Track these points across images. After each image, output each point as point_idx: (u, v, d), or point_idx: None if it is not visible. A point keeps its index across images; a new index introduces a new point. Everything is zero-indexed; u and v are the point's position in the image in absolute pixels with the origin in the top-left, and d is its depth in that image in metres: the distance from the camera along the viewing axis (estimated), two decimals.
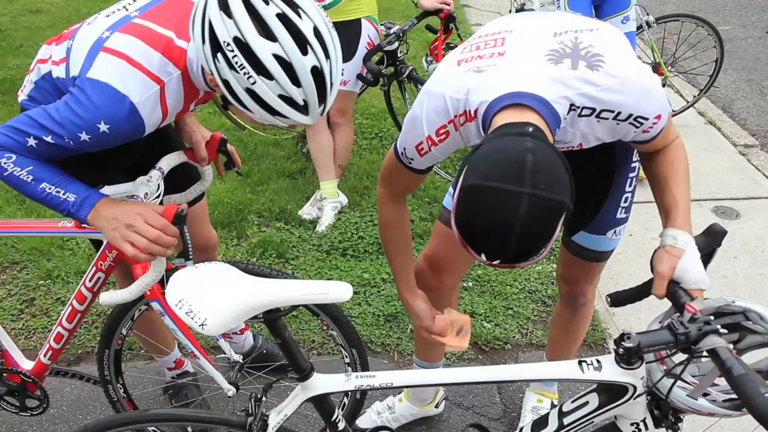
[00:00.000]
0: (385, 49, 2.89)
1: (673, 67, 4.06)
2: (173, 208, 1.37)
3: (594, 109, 1.11)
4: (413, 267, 1.60)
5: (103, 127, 1.22)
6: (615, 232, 1.58)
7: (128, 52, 1.23)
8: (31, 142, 1.25)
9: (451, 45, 3.03)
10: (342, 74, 2.83)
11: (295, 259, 2.77)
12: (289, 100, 1.15)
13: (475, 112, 1.14)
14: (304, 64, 1.12)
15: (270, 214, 3.06)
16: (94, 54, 1.24)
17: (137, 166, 1.54)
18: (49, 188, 1.30)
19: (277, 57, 1.11)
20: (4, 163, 1.27)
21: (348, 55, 2.84)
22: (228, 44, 1.10)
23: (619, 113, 1.12)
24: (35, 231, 1.66)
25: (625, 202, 1.55)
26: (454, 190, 0.99)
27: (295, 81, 1.13)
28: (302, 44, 1.12)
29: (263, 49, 1.10)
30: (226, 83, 1.15)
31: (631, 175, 1.53)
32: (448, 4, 2.86)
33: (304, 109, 1.18)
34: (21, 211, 3.04)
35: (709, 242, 1.18)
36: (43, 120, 1.24)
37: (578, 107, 1.10)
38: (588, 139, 1.21)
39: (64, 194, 1.30)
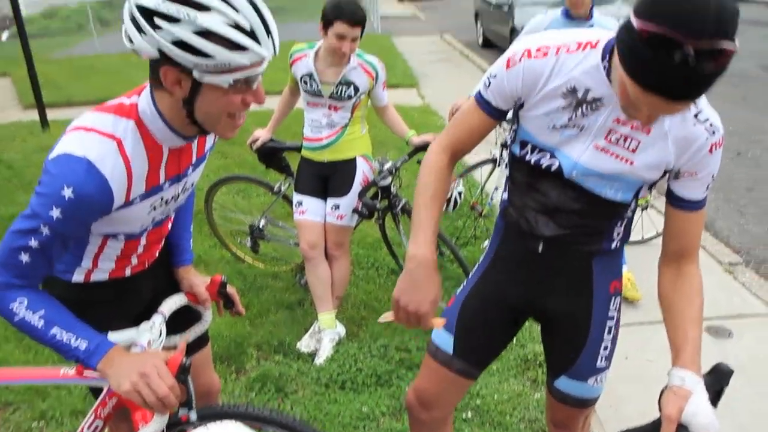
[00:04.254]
0: (379, 184, 3.05)
1: (657, 190, 4.25)
2: (178, 359, 1.37)
3: None
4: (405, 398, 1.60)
5: (67, 192, 1.21)
6: (596, 379, 1.61)
7: (83, 123, 1.27)
8: (24, 258, 1.26)
9: None
10: (338, 209, 2.99)
11: (294, 393, 2.76)
12: (236, 27, 1.17)
13: (597, 42, 1.29)
14: None
15: (269, 347, 3.08)
16: (58, 142, 1.28)
17: (144, 317, 1.57)
18: (60, 333, 1.30)
19: None
20: (16, 308, 1.29)
21: (344, 190, 3.00)
22: (158, 5, 1.15)
23: (700, 111, 1.27)
24: (37, 380, 1.65)
25: (605, 350, 1.60)
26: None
27: (233, 7, 1.17)
28: None
29: None
30: (177, 44, 1.15)
31: (609, 324, 1.59)
32: None
33: (253, 36, 1.19)
34: (19, 350, 3.05)
35: (716, 381, 1.22)
36: (21, 224, 1.25)
37: None
38: (663, 138, 1.31)
39: (75, 340, 1.31)
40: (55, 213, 1.22)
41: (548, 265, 1.55)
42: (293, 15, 16.16)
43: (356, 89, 2.85)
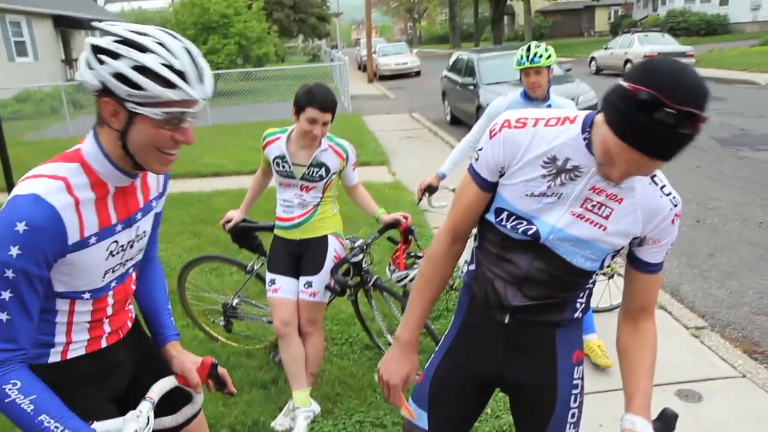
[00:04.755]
0: (350, 261, 3.12)
1: (620, 257, 4.38)
2: None
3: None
4: None
5: (20, 227, 1.27)
6: None
7: (30, 173, 1.38)
8: (3, 316, 1.29)
9: (412, 254, 3.28)
10: (311, 286, 3.04)
11: None
12: (169, 67, 1.33)
13: (575, 117, 1.41)
14: (174, 42, 1.36)
15: (243, 427, 3.03)
16: None
17: (128, 395, 1.58)
18: (48, 422, 1.30)
19: (152, 41, 1.35)
20: (9, 389, 1.29)
21: (316, 268, 3.06)
22: (108, 44, 1.32)
23: (665, 185, 1.41)
24: None
25: (573, 417, 1.65)
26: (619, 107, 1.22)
27: (170, 52, 1.34)
28: (169, 36, 1.38)
29: (139, 38, 1.34)
30: (116, 76, 1.31)
31: (574, 392, 1.65)
32: (406, 218, 3.15)
33: (183, 77, 1.35)
34: None
35: (664, 426, 1.33)
36: None
37: None
38: (634, 207, 1.43)
39: (61, 431, 1.31)
40: (14, 251, 1.27)
41: (513, 336, 1.61)
42: (266, 96, 16.63)
43: (327, 170, 2.96)
